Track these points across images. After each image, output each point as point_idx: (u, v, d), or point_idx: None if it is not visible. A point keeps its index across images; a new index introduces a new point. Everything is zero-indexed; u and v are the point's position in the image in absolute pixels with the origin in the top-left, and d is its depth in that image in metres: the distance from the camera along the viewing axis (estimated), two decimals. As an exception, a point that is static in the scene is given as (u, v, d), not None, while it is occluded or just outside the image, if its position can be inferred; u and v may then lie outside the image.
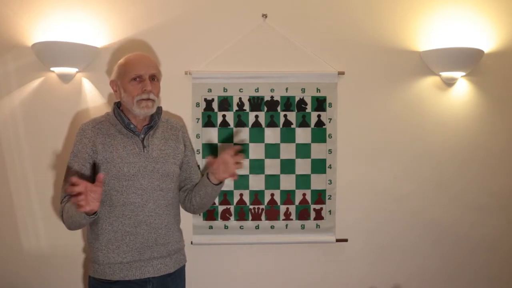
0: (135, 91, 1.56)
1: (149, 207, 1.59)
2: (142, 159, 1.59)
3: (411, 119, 2.21)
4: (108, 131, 1.61)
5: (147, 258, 1.59)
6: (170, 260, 1.65)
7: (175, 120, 1.77)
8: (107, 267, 1.57)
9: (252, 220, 2.16)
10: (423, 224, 2.24)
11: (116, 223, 1.57)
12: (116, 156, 1.57)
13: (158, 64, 1.68)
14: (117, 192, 1.56)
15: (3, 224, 2.11)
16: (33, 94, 2.08)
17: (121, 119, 1.61)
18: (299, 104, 2.15)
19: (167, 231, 1.64)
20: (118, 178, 1.56)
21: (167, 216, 1.64)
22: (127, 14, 2.09)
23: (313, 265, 2.22)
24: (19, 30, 2.05)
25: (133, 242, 1.57)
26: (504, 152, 2.25)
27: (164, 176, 1.63)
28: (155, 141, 1.64)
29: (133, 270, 1.58)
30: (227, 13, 2.13)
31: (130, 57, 1.61)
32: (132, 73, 1.56)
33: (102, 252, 1.57)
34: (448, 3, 2.18)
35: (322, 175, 2.17)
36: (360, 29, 2.17)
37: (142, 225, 1.58)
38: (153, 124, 1.64)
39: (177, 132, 1.73)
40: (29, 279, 2.13)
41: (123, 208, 1.57)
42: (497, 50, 2.22)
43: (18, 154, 2.09)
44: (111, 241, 1.57)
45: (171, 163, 1.65)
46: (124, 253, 1.57)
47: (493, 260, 2.29)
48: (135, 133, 1.61)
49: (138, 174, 1.58)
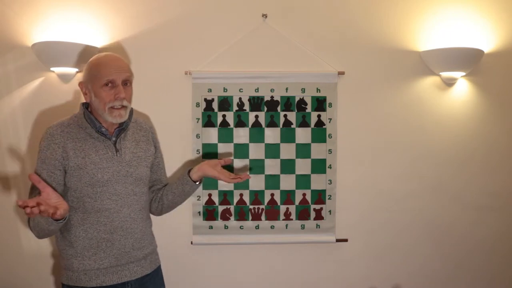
0: (107, 98, 1.47)
1: (124, 212, 1.55)
2: (115, 164, 1.53)
3: (411, 119, 2.21)
4: (78, 135, 1.52)
5: (123, 263, 1.56)
6: (145, 262, 1.62)
7: (143, 121, 1.72)
8: (82, 274, 1.52)
9: (252, 220, 2.16)
10: (423, 224, 2.24)
11: (90, 230, 1.51)
12: (88, 162, 1.49)
13: (129, 65, 1.58)
14: (91, 199, 1.50)
15: (3, 224, 2.11)
16: (33, 94, 2.08)
17: (91, 122, 1.52)
18: (299, 104, 2.15)
19: (142, 235, 1.61)
20: (92, 184, 1.50)
21: (141, 220, 1.61)
22: (127, 14, 2.09)
23: (313, 265, 2.22)
24: (19, 30, 2.05)
25: (109, 249, 1.53)
26: (504, 152, 2.26)
27: (137, 180, 1.59)
28: (127, 144, 1.59)
29: (110, 275, 1.54)
30: (227, 13, 2.13)
31: (101, 59, 1.51)
32: (104, 78, 1.47)
33: (77, 259, 1.51)
34: (448, 3, 2.18)
35: (322, 175, 2.17)
36: (360, 29, 2.17)
37: (118, 231, 1.54)
38: (124, 126, 1.57)
39: (147, 134, 1.68)
40: (29, 279, 2.13)
41: (97, 215, 1.51)
42: (497, 50, 2.22)
43: (18, 154, 2.09)
44: (86, 248, 1.51)
45: (143, 166, 1.61)
46: (100, 259, 1.52)
47: (493, 260, 2.29)
48: (106, 136, 1.53)
49: (112, 179, 1.52)
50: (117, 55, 1.56)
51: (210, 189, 2.14)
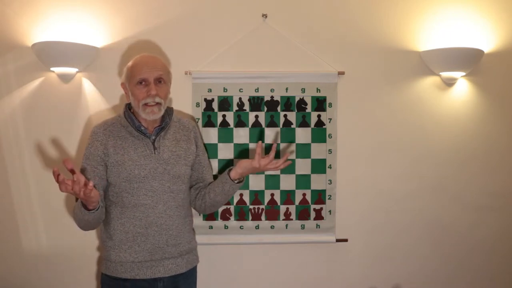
0: (140, 95, 1.57)
1: (159, 208, 1.61)
2: (152, 161, 1.61)
3: (411, 119, 2.21)
4: (119, 133, 1.62)
5: (158, 258, 1.62)
6: (182, 261, 1.67)
7: (187, 120, 1.78)
8: (119, 265, 1.60)
9: (252, 220, 2.16)
10: (423, 224, 2.24)
11: (127, 224, 1.60)
12: (127, 159, 1.59)
13: (167, 65, 1.68)
14: (128, 194, 1.59)
15: (3, 224, 2.11)
16: (33, 94, 2.08)
17: (131, 121, 1.62)
18: (299, 104, 2.15)
19: (178, 232, 1.65)
20: (129, 180, 1.58)
21: (178, 217, 1.65)
22: (127, 14, 2.09)
23: (313, 265, 2.22)
24: (19, 30, 2.05)
25: (144, 243, 1.60)
26: (504, 152, 2.26)
27: (174, 178, 1.64)
28: (166, 143, 1.65)
29: (144, 269, 1.61)
30: (227, 13, 2.13)
31: (137, 60, 1.62)
32: (137, 77, 1.57)
33: (115, 251, 1.61)
34: (448, 3, 2.18)
35: (322, 175, 2.17)
36: (360, 29, 2.17)
37: (153, 226, 1.60)
38: (164, 125, 1.66)
39: (188, 133, 1.74)
40: (29, 279, 2.13)
41: (134, 210, 1.60)
42: (497, 50, 2.22)
43: (18, 154, 2.09)
44: (123, 241, 1.60)
45: (182, 165, 1.66)
46: (135, 253, 1.60)
47: (493, 260, 2.29)
48: (145, 135, 1.62)
49: (148, 176, 1.60)
50: (152, 55, 1.67)
51: (210, 189, 2.15)
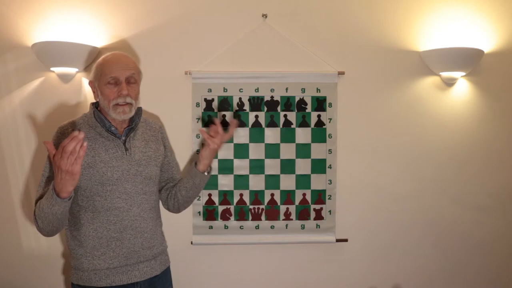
0: (111, 95, 1.49)
1: (134, 211, 1.55)
2: (125, 163, 1.54)
3: (411, 119, 2.21)
4: (88, 134, 1.52)
5: (133, 262, 1.56)
6: (155, 263, 1.62)
7: (153, 121, 1.72)
8: (93, 274, 1.51)
9: (252, 220, 2.16)
10: (423, 224, 2.24)
11: (100, 229, 1.51)
12: (98, 161, 1.50)
13: (137, 64, 1.58)
14: (101, 197, 1.51)
15: (3, 224, 2.11)
16: (33, 94, 2.08)
17: (101, 122, 1.53)
18: (299, 104, 2.15)
19: (152, 235, 1.61)
20: (102, 183, 1.50)
21: (151, 220, 1.61)
22: (127, 14, 2.09)
23: (313, 265, 2.22)
24: (19, 30, 2.05)
25: (119, 248, 1.53)
26: (504, 152, 2.26)
27: (147, 179, 1.59)
28: (136, 143, 1.59)
29: (120, 275, 1.53)
30: (227, 13, 2.13)
31: (107, 58, 1.53)
32: (108, 75, 1.49)
33: (87, 259, 1.51)
34: (448, 3, 2.18)
35: (322, 175, 2.17)
36: (360, 29, 2.17)
37: (128, 229, 1.54)
38: (133, 125, 1.58)
39: (156, 134, 1.69)
40: (29, 279, 2.13)
41: (107, 213, 1.51)
42: (497, 50, 2.22)
43: (18, 154, 2.09)
44: (96, 247, 1.51)
45: (153, 166, 1.62)
46: (110, 259, 1.52)
47: (493, 260, 2.29)
48: (116, 135, 1.54)
49: (121, 178, 1.52)
50: (123, 53, 1.57)
51: (210, 189, 2.15)
